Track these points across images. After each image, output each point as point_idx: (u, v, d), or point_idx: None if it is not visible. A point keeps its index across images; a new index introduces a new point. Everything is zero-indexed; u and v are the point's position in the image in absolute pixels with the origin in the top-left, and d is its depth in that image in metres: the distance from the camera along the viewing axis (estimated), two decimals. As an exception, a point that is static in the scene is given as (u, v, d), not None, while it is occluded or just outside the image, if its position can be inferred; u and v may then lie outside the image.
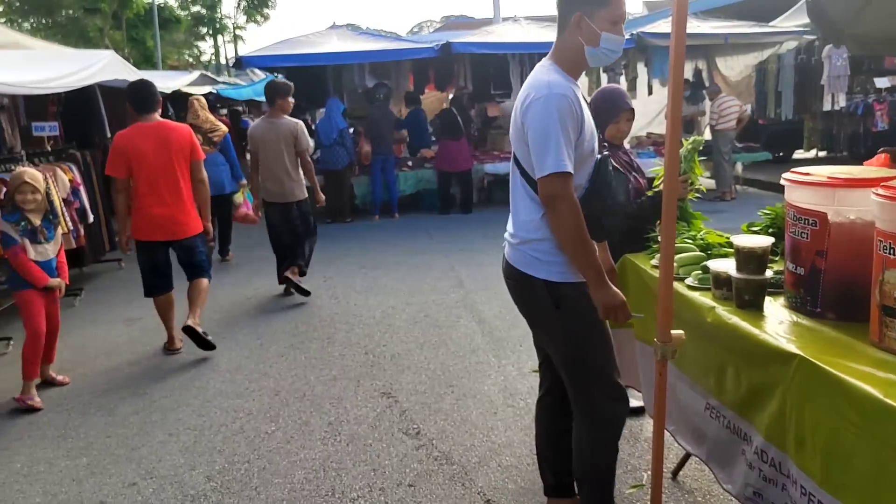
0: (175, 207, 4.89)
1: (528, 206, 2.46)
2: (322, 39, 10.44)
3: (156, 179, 4.79)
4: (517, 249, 2.51)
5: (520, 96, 2.45)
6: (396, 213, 10.48)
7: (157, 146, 4.79)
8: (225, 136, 7.60)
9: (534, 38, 10.39)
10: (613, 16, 2.38)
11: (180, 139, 4.91)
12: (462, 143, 10.49)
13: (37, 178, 4.29)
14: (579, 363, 2.52)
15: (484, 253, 7.94)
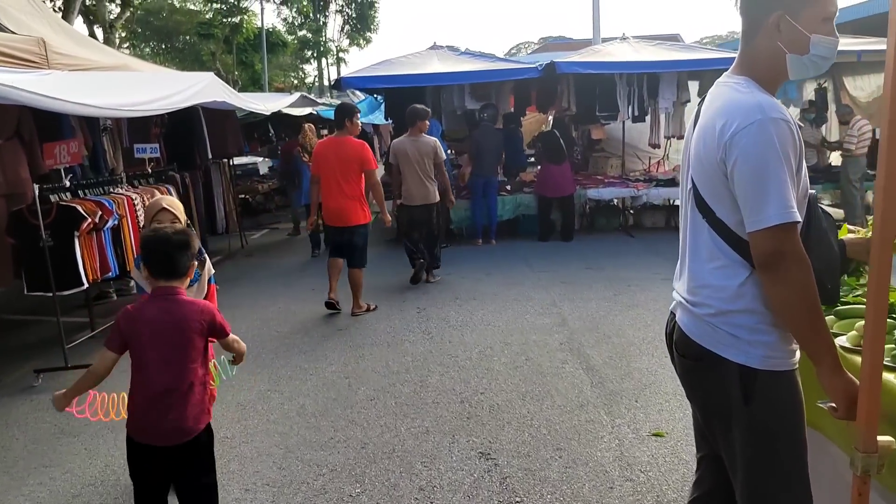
0: (344, 202, 6.44)
1: (723, 265, 1.93)
2: (422, 60, 10.18)
3: (333, 180, 6.39)
4: (703, 321, 1.97)
5: (710, 122, 1.92)
6: (494, 240, 10.03)
7: (336, 155, 6.43)
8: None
9: (645, 57, 9.76)
10: (826, 12, 1.86)
11: (353, 151, 6.45)
12: (564, 167, 9.95)
13: (176, 205, 3.41)
14: (767, 470, 1.94)
15: (588, 287, 7.36)
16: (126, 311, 2.63)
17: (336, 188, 6.43)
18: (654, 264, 8.37)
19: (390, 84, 9.62)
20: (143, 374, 2.59)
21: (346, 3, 46.42)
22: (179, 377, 2.58)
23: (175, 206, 3.38)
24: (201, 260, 3.40)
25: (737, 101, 1.89)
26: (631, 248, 9.45)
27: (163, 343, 2.58)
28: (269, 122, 13.71)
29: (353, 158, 6.42)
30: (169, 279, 2.64)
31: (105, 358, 2.60)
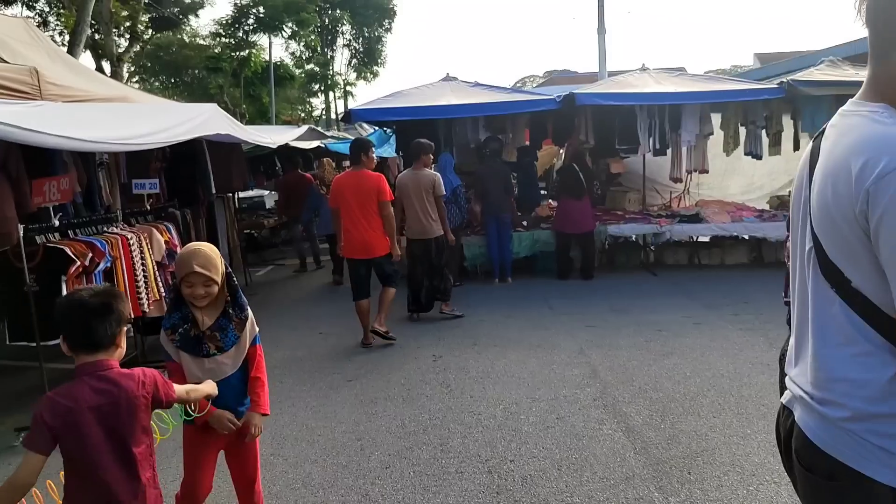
0: (366, 234, 6.56)
1: (864, 352, 1.47)
2: (435, 92, 9.81)
3: (353, 213, 6.53)
4: (837, 427, 1.51)
5: (841, 162, 1.47)
6: (510, 278, 9.55)
7: (354, 188, 6.56)
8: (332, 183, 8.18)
9: (667, 88, 9.37)
10: None
11: (370, 183, 6.55)
12: (584, 202, 9.50)
13: (210, 262, 2.79)
14: None
15: (616, 332, 6.85)
16: (50, 400, 2.13)
17: (356, 221, 6.58)
18: (683, 306, 7.86)
19: (402, 117, 9.23)
20: (88, 478, 2.11)
21: (354, 38, 46.71)
22: (135, 477, 2.13)
23: (209, 265, 2.78)
24: (241, 318, 2.93)
25: (880, 135, 1.44)
26: (655, 288, 8.95)
27: (107, 434, 2.12)
28: (275, 155, 13.36)
29: (370, 191, 6.55)
30: (92, 352, 2.18)
31: (30, 464, 2.07)
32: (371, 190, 6.55)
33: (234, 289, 2.94)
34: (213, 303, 2.86)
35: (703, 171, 10.71)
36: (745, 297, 8.16)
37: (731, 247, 10.43)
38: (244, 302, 2.96)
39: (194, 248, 2.89)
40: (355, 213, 6.54)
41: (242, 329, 2.92)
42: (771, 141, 10.45)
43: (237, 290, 2.96)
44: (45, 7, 29.97)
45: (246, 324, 2.94)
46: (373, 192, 6.55)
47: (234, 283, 2.95)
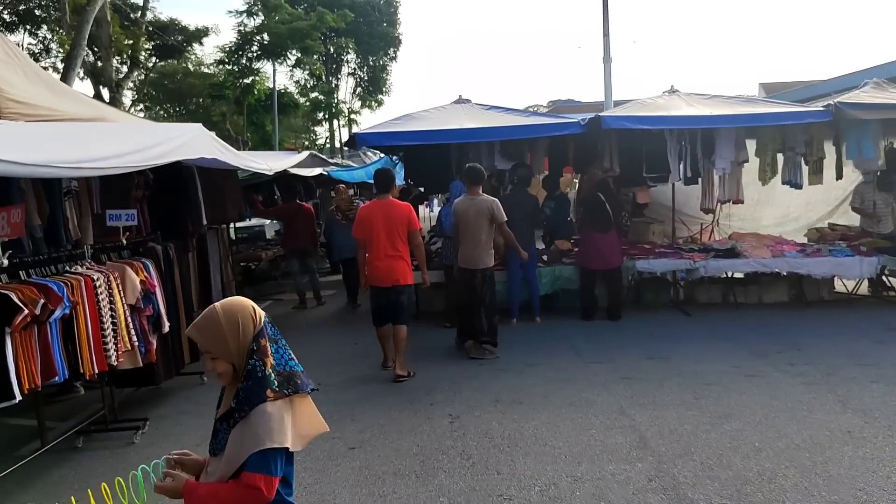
0: (394, 262, 6.50)
1: None
2: (447, 115, 9.02)
3: (381, 240, 6.46)
4: None
5: None
6: (538, 317, 8.68)
7: (385, 216, 6.50)
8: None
9: (704, 112, 8.56)
10: None
11: (401, 212, 6.56)
12: (611, 235, 8.65)
13: (208, 328, 2.16)
14: None
15: (658, 386, 5.96)
16: None
17: (384, 248, 6.52)
18: (727, 353, 6.97)
19: (411, 141, 8.43)
20: None
21: (359, 66, 46.52)
22: None
23: (206, 331, 2.14)
24: (238, 418, 2.11)
25: None
26: (691, 331, 8.05)
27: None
28: (274, 183, 12.57)
29: (400, 220, 6.56)
30: None
31: None
32: (402, 219, 6.58)
33: (248, 372, 2.14)
34: (232, 383, 2.19)
35: (737, 202, 9.88)
36: (795, 343, 7.27)
37: (768, 283, 9.55)
38: (254, 395, 2.10)
39: (213, 306, 2.20)
40: (382, 241, 6.50)
41: (238, 435, 2.08)
42: (811, 169, 9.62)
43: (251, 375, 2.14)
44: (47, 34, 29.68)
45: (245, 429, 2.07)
46: (403, 221, 6.57)
47: (250, 364, 2.14)
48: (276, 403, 2.09)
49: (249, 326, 2.14)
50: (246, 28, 33.60)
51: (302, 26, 32.74)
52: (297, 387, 2.16)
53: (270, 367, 2.13)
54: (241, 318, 2.15)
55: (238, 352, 2.13)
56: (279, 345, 2.21)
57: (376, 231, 6.47)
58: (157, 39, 31.97)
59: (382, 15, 44.68)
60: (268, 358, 2.14)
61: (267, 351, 2.15)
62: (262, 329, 2.16)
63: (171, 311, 6.39)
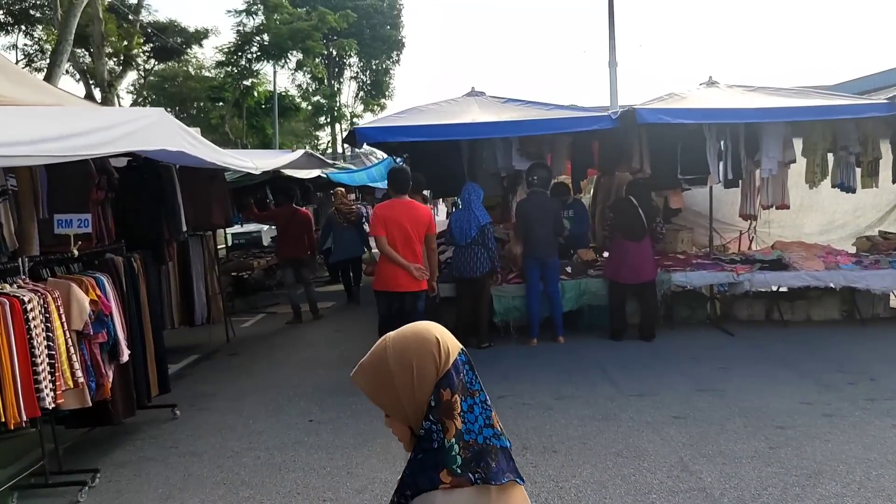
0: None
1: None
2: (459, 108, 7.99)
3: (400, 242, 6.11)
4: None
5: None
6: (561, 337, 7.66)
7: (409, 217, 6.17)
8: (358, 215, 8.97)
9: (749, 104, 7.53)
10: None
11: (424, 214, 6.34)
12: (644, 244, 7.63)
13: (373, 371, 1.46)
14: None
15: (720, 429, 4.92)
16: None
17: (405, 251, 6.18)
18: (789, 383, 5.94)
19: (418, 137, 7.39)
20: None
21: (362, 70, 45.83)
22: None
23: (368, 376, 1.45)
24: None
25: None
26: (739, 354, 7.01)
27: None
28: (267, 185, 11.55)
29: (424, 221, 6.32)
30: None
31: None
32: (423, 221, 6.33)
33: (419, 438, 1.40)
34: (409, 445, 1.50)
35: (782, 207, 8.84)
36: (865, 370, 6.24)
37: (817, 299, 8.51)
38: (422, 476, 1.36)
39: (386, 338, 1.48)
40: (402, 244, 6.18)
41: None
42: (865, 170, 8.58)
43: (423, 443, 1.39)
44: (42, 35, 28.82)
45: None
46: (424, 224, 6.31)
47: (424, 427, 1.39)
48: (452, 494, 1.32)
49: (430, 370, 1.40)
50: (245, 28, 32.68)
51: (303, 26, 31.81)
52: (488, 473, 1.35)
53: (454, 434, 1.36)
54: (416, 357, 1.41)
55: (413, 407, 1.40)
56: (476, 400, 1.41)
57: (398, 232, 6.15)
58: (156, 41, 31.12)
59: (385, 18, 43.94)
60: (452, 420, 1.37)
61: (452, 408, 1.38)
62: (449, 374, 1.40)
63: (136, 335, 5.38)
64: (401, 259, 6.12)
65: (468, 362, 1.43)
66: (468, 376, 1.42)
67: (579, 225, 8.69)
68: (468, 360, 1.43)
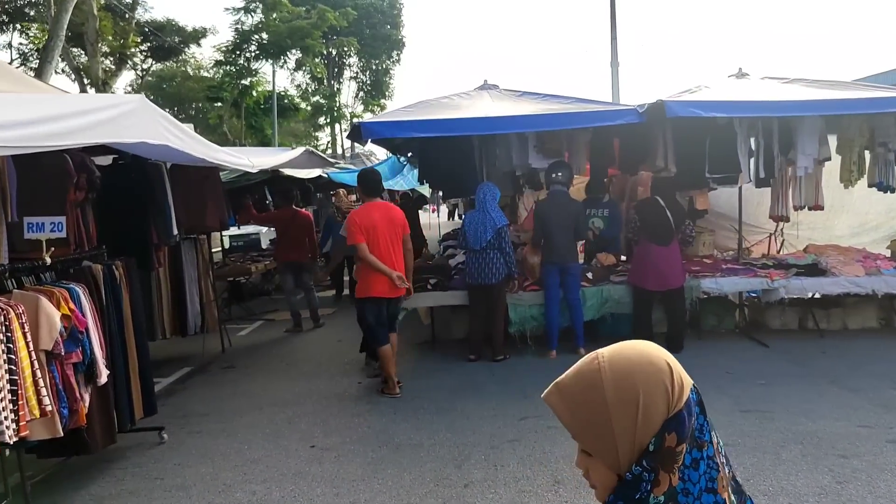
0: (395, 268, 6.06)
1: None
2: (471, 101, 7.42)
3: (384, 247, 6.01)
4: None
5: None
6: (582, 348, 7.10)
7: (386, 219, 6.09)
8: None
9: (787, 97, 6.96)
10: None
11: (399, 216, 6.25)
12: (672, 249, 7.07)
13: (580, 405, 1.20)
14: None
15: (775, 457, 4.36)
16: None
17: (387, 255, 6.03)
18: (843, 403, 5.36)
19: (427, 132, 6.79)
20: None
21: (361, 70, 45.38)
22: None
23: (575, 413, 1.20)
24: None
25: None
26: (779, 368, 6.44)
27: None
28: (266, 185, 10.98)
29: (399, 223, 6.21)
30: None
31: None
32: (401, 223, 6.21)
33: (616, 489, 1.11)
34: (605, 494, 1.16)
35: (816, 208, 8.27)
36: (920, 386, 5.67)
37: (854, 306, 7.95)
38: None
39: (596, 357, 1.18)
40: (384, 248, 6.02)
41: None
42: (913, 167, 8.01)
43: (632, 486, 1.08)
44: (37, 34, 28.24)
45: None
46: (400, 225, 6.19)
47: (631, 474, 1.08)
48: None
49: (659, 407, 1.08)
50: (243, 26, 32.13)
51: (302, 25, 31.25)
52: None
53: (665, 491, 1.06)
54: (644, 389, 1.09)
55: (628, 450, 1.09)
56: (703, 454, 1.10)
57: (377, 236, 5.98)
58: (153, 40, 30.56)
59: (385, 17, 43.42)
60: (669, 472, 1.06)
61: (674, 459, 1.07)
62: (680, 416, 1.08)
63: (117, 353, 4.81)
64: (382, 266, 5.95)
65: (700, 402, 1.12)
66: (699, 420, 1.11)
67: (613, 227, 8.10)
68: (700, 399, 1.13)
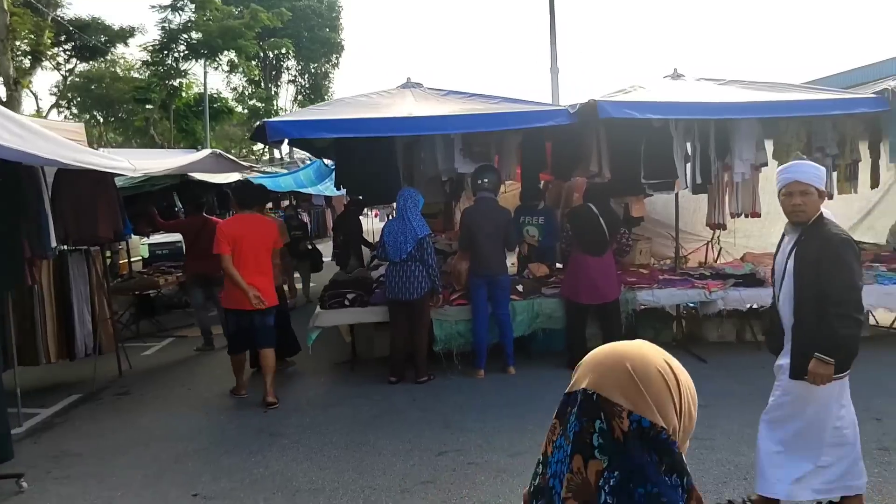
0: (265, 282, 6.08)
1: None
2: (390, 101, 6.83)
3: (250, 259, 6.00)
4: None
5: None
6: (512, 367, 6.60)
7: (255, 232, 6.08)
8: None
9: (723, 98, 6.61)
10: None
11: (270, 228, 6.26)
12: (607, 259, 6.65)
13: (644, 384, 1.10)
14: None
15: (717, 495, 3.88)
16: None
17: (254, 268, 6.02)
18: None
19: (342, 133, 6.17)
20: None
21: (300, 73, 44.52)
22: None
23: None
24: None
25: None
26: (720, 388, 6.02)
27: None
28: (175, 191, 10.14)
29: (271, 236, 6.19)
30: None
31: None
32: (271, 236, 6.20)
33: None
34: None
35: (753, 215, 7.97)
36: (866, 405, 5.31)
37: (791, 316, 7.65)
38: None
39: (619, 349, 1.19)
40: (250, 261, 6.01)
41: None
42: (843, 175, 7.78)
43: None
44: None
45: None
46: (272, 239, 6.19)
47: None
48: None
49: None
50: (171, 25, 30.83)
51: (234, 25, 30.17)
52: None
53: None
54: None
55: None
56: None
57: (243, 248, 5.97)
58: (77, 39, 29.01)
59: (324, 20, 42.62)
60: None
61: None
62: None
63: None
64: (241, 282, 5.90)
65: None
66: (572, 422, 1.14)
67: (549, 236, 7.60)
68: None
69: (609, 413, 1.08)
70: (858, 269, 3.31)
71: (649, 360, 1.12)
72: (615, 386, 1.09)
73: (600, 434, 1.08)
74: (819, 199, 3.38)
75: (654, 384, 1.09)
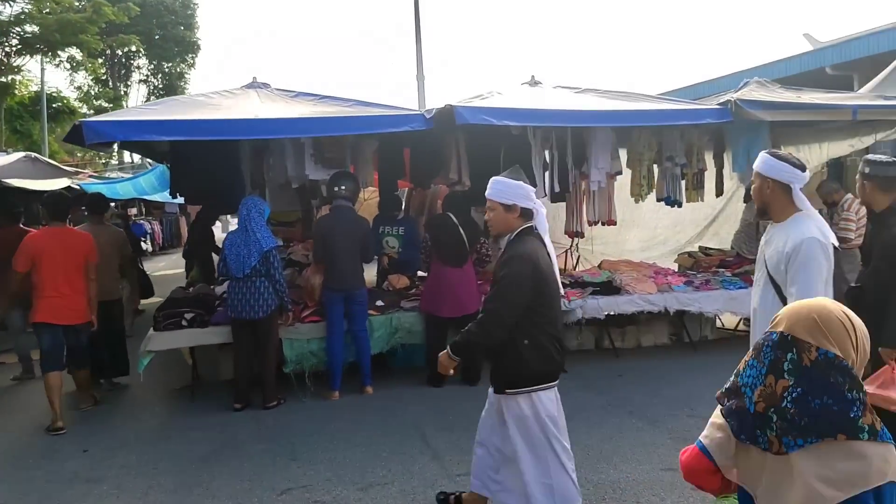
0: (78, 298, 5.81)
1: None
2: (232, 101, 6.24)
3: (59, 274, 5.68)
4: None
5: None
6: (369, 387, 6.22)
7: (63, 247, 5.75)
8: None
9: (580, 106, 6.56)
10: None
11: (82, 243, 5.89)
12: (466, 270, 6.42)
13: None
14: None
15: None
16: None
17: (64, 283, 5.70)
18: (646, 440, 4.95)
19: (173, 135, 5.53)
20: None
21: (152, 73, 41.94)
22: None
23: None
24: None
25: None
26: (581, 400, 5.89)
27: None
28: None
29: (82, 250, 5.85)
30: None
31: None
32: (83, 251, 5.84)
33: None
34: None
35: (609, 223, 8.05)
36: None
37: (646, 323, 7.79)
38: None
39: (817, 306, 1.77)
40: (59, 276, 5.69)
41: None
42: (690, 183, 8.02)
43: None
44: None
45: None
46: (83, 253, 5.84)
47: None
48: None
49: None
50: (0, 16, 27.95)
51: (75, 18, 27.77)
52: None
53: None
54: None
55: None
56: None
57: (48, 264, 5.66)
58: None
59: (178, 17, 40.39)
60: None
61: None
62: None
63: None
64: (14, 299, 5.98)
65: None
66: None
67: (410, 247, 7.21)
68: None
69: (800, 348, 1.59)
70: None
71: (831, 310, 1.63)
72: (805, 329, 1.61)
73: (790, 362, 1.60)
74: (507, 213, 3.39)
75: (834, 328, 1.59)
